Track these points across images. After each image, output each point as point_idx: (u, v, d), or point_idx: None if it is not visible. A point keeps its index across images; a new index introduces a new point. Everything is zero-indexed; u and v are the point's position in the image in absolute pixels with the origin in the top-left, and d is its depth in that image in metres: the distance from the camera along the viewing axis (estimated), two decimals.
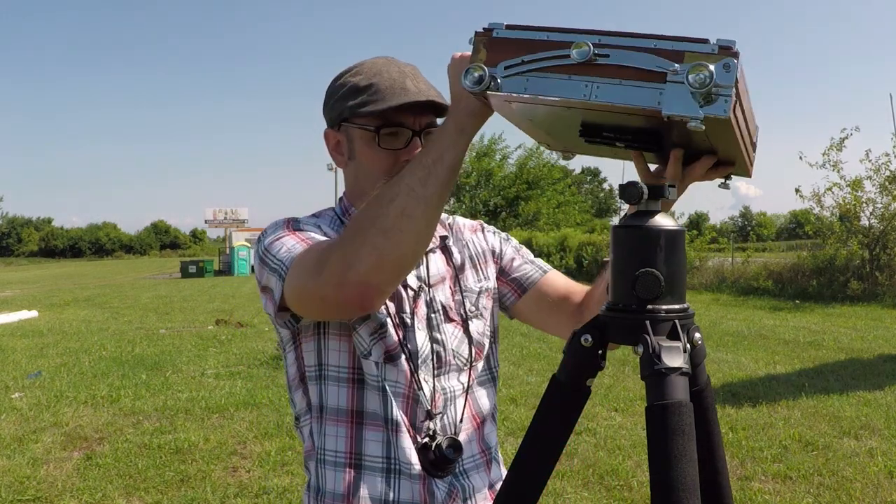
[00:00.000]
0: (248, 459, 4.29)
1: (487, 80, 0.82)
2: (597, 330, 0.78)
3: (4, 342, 9.37)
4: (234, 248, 31.63)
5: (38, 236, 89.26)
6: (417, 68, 1.20)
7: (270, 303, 1.05)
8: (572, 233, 21.86)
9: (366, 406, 1.12)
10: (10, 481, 3.98)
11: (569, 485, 3.73)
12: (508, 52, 0.83)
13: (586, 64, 0.77)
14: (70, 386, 6.42)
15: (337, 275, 0.90)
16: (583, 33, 0.79)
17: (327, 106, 1.20)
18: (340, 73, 1.20)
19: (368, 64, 1.18)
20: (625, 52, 0.76)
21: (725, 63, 0.72)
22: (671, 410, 0.67)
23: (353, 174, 1.20)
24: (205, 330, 10.24)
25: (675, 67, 0.73)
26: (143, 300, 16.45)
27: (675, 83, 0.74)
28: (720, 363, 6.68)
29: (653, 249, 0.75)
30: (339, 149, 1.20)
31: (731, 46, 0.73)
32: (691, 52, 0.74)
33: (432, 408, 1.13)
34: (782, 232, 66.16)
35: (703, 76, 0.71)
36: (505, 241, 1.35)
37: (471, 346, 1.21)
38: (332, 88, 1.19)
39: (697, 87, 0.71)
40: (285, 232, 1.08)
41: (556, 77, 0.80)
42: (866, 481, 3.64)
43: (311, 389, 1.16)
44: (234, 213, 48.72)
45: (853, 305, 11.41)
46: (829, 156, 12.98)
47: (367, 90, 1.12)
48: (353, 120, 1.14)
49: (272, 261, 1.04)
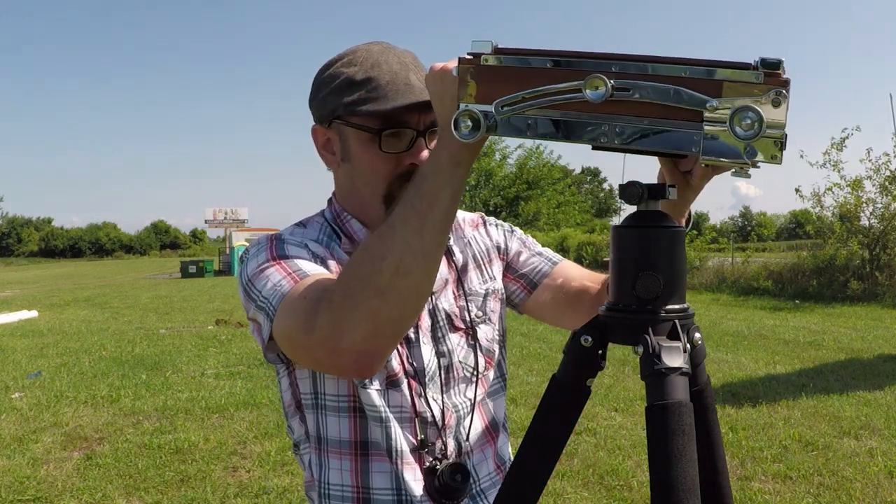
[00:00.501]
0: (248, 459, 4.29)
1: (483, 126, 0.71)
2: (597, 330, 0.78)
3: (4, 342, 9.37)
4: (234, 248, 31.66)
5: (38, 236, 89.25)
6: (415, 55, 1.08)
7: (259, 336, 0.97)
8: (572, 233, 21.86)
9: (370, 436, 1.02)
10: (10, 481, 3.98)
11: (569, 485, 3.73)
12: (503, 83, 0.71)
13: (603, 102, 0.66)
14: (70, 386, 6.42)
15: (330, 341, 0.81)
16: (595, 58, 0.67)
17: (316, 99, 1.06)
18: (330, 62, 1.06)
19: (362, 52, 1.04)
20: (650, 84, 0.64)
21: (775, 99, 0.60)
22: (671, 410, 0.67)
23: (346, 176, 1.08)
24: (205, 330, 10.24)
25: (713, 104, 0.61)
26: (143, 300, 16.44)
27: (713, 122, 0.62)
28: (720, 363, 6.68)
29: (653, 249, 0.75)
30: (328, 147, 1.08)
31: (778, 72, 0.60)
32: (731, 83, 0.61)
33: (443, 428, 1.05)
34: (782, 232, 66.13)
35: (749, 121, 0.60)
36: (509, 233, 1.25)
37: (480, 355, 1.12)
38: (321, 79, 1.05)
39: (745, 137, 0.60)
40: (269, 261, 0.96)
41: (567, 117, 0.69)
42: (866, 481, 3.64)
43: (309, 418, 1.06)
44: (234, 213, 48.69)
45: (853, 305, 11.40)
46: (830, 155, 12.98)
47: (364, 85, 1.00)
48: (348, 118, 1.01)
49: (258, 297, 0.94)
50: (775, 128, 0.60)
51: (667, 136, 0.65)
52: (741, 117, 0.60)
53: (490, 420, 1.14)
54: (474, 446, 1.10)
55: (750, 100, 0.60)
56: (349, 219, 1.09)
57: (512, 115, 0.71)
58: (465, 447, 1.08)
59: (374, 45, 1.05)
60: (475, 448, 1.10)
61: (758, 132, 0.60)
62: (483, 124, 0.72)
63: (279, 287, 0.91)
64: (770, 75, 0.60)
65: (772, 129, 0.60)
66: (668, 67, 0.64)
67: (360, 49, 1.05)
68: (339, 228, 1.09)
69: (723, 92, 0.61)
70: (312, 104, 1.08)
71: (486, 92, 0.72)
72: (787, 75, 0.61)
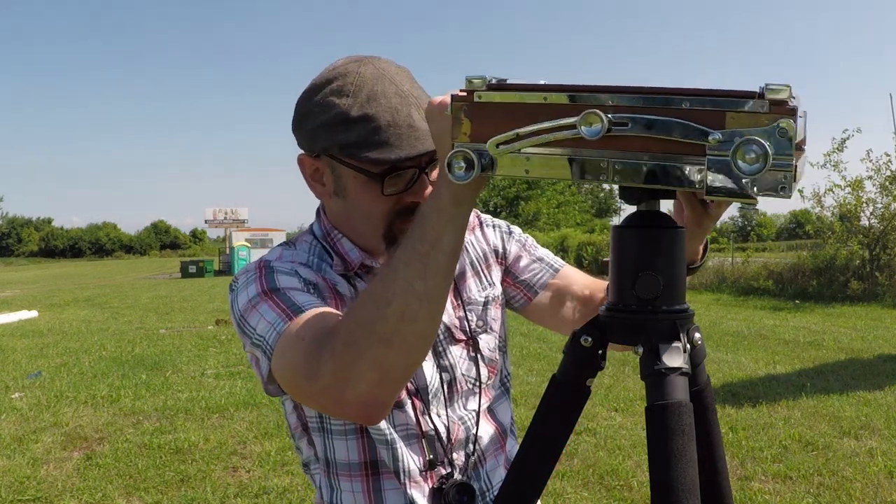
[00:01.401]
0: (248, 459, 4.29)
1: (478, 167, 0.69)
2: (597, 330, 0.78)
3: (4, 342, 9.37)
4: (234, 248, 31.66)
5: (38, 236, 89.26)
6: (410, 73, 1.00)
7: (258, 370, 0.93)
8: (572, 233, 21.86)
9: (378, 456, 1.01)
10: (10, 481, 3.98)
11: (569, 485, 3.73)
12: (498, 121, 0.68)
13: (601, 138, 0.64)
14: (70, 386, 6.42)
15: (334, 390, 0.77)
16: (592, 91, 0.65)
17: (302, 129, 0.98)
18: (317, 85, 0.96)
19: (353, 76, 0.94)
20: (648, 117, 0.61)
21: (781, 128, 0.56)
22: (671, 410, 0.67)
23: (342, 209, 1.02)
24: (205, 330, 10.24)
25: (717, 136, 0.58)
26: (143, 300, 16.44)
27: (716, 156, 0.59)
28: (720, 363, 6.68)
29: (653, 250, 0.74)
30: (318, 177, 1.01)
31: (785, 101, 0.57)
32: (735, 113, 0.58)
33: (451, 442, 1.03)
34: (782, 232, 66.15)
35: (753, 155, 0.56)
36: (507, 235, 1.19)
37: (483, 366, 1.09)
38: (308, 107, 0.96)
39: (749, 173, 0.57)
40: (260, 294, 0.91)
41: (563, 154, 0.66)
42: (866, 481, 3.64)
43: (316, 440, 1.04)
44: (234, 213, 48.68)
45: (853, 305, 11.40)
46: (831, 156, 12.98)
47: (362, 124, 0.92)
48: (344, 159, 0.94)
49: (253, 335, 0.90)
50: (783, 160, 0.57)
51: (668, 171, 0.62)
52: (745, 151, 0.57)
53: (498, 425, 1.12)
54: (486, 454, 1.09)
55: (755, 132, 0.57)
56: (340, 238, 1.04)
57: (508, 153, 0.68)
58: (476, 457, 1.07)
59: (366, 67, 0.95)
60: (487, 456, 1.09)
61: (763, 166, 0.56)
62: (477, 164, 0.69)
63: (274, 325, 0.87)
64: (776, 104, 0.57)
65: (779, 162, 0.57)
66: (667, 99, 0.61)
67: (349, 72, 0.95)
68: (330, 247, 1.05)
69: (726, 123, 0.59)
70: (298, 132, 1.00)
71: (481, 130, 0.70)
72: (794, 102, 0.57)
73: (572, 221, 30.41)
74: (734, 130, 0.58)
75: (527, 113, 0.67)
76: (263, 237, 36.59)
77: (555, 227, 27.83)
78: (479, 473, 1.08)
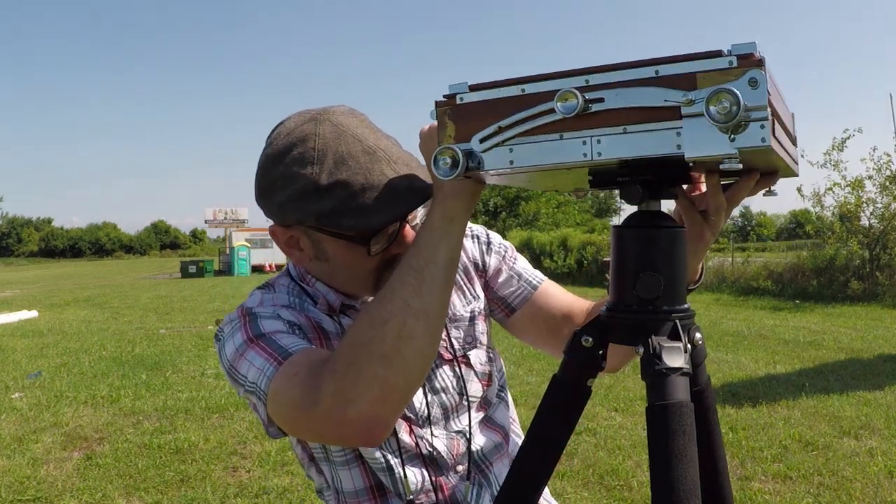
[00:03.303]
0: (248, 459, 4.29)
1: (463, 163, 0.69)
2: (597, 330, 0.78)
3: (4, 342, 9.37)
4: (234, 248, 31.62)
5: (38, 236, 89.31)
6: (367, 118, 0.97)
7: (258, 415, 0.93)
8: (572, 233, 21.83)
9: (380, 478, 1.02)
10: (10, 481, 3.98)
11: (569, 485, 3.73)
12: (480, 119, 0.69)
13: (578, 116, 0.64)
14: (70, 386, 6.42)
15: (335, 413, 0.77)
16: (565, 76, 0.66)
17: (268, 200, 0.94)
18: (276, 153, 0.91)
19: (313, 141, 0.90)
20: (621, 90, 0.63)
21: (751, 78, 0.58)
22: (672, 411, 0.67)
23: (325, 272, 1.00)
24: (205, 330, 10.23)
25: (689, 97, 0.60)
26: (143, 300, 16.44)
27: (693, 116, 0.60)
28: (720, 363, 6.67)
29: (653, 250, 0.74)
30: (294, 244, 0.98)
31: (751, 53, 0.59)
32: (705, 73, 0.60)
33: (453, 457, 1.04)
34: (782, 232, 66.18)
35: (726, 105, 0.58)
36: (485, 246, 1.16)
37: (476, 381, 1.09)
38: (270, 178, 0.92)
39: (723, 120, 0.58)
40: (246, 343, 0.90)
41: (546, 139, 0.66)
42: (866, 481, 3.64)
43: (325, 469, 1.05)
44: (234, 213, 48.67)
45: (853, 305, 11.40)
46: (831, 156, 12.98)
47: (334, 191, 0.88)
48: (323, 227, 0.92)
49: (245, 382, 0.89)
50: (757, 111, 0.58)
51: (648, 140, 0.62)
52: (717, 101, 0.58)
53: (499, 429, 1.13)
54: (492, 460, 1.09)
55: (725, 85, 0.59)
56: (314, 281, 1.03)
57: (493, 147, 0.69)
58: (482, 465, 1.07)
59: (324, 127, 0.91)
60: (493, 461, 1.09)
61: (736, 114, 0.57)
62: (462, 162, 0.69)
63: (264, 371, 0.86)
64: (743, 58, 0.59)
65: (753, 112, 0.58)
66: (637, 70, 0.62)
67: (307, 135, 0.91)
68: (307, 289, 1.04)
69: (697, 84, 0.60)
70: (264, 204, 0.95)
71: (465, 130, 0.71)
72: (761, 55, 0.59)
73: (572, 221, 30.38)
74: (706, 89, 0.59)
75: (507, 106, 0.69)
76: (263, 237, 36.45)
77: (555, 226, 27.81)
78: (489, 479, 1.08)
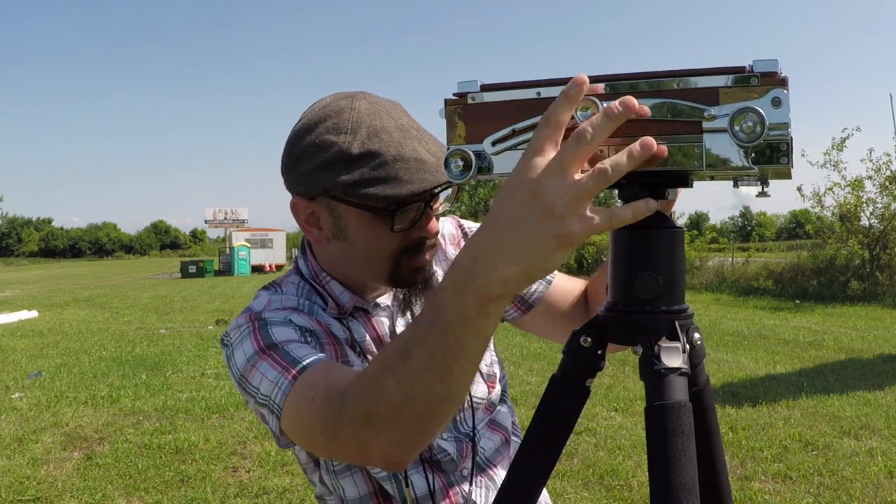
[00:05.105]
0: (248, 459, 4.29)
1: (474, 166, 0.67)
2: (596, 330, 0.78)
3: (4, 342, 9.37)
4: (234, 248, 31.62)
5: (38, 236, 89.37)
6: (402, 105, 0.97)
7: (268, 426, 0.89)
8: None
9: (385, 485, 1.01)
10: (10, 481, 3.98)
11: (569, 485, 3.73)
12: (492, 120, 0.68)
13: None
14: (70, 386, 6.42)
15: (357, 447, 0.73)
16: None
17: (295, 171, 0.93)
18: (308, 125, 0.92)
19: (349, 113, 0.91)
20: (642, 101, 0.61)
21: (774, 97, 0.58)
22: (670, 411, 0.67)
23: (341, 253, 0.97)
24: (205, 330, 10.24)
25: (711, 112, 0.59)
26: (143, 300, 16.45)
27: (714, 132, 0.59)
28: (720, 363, 6.68)
29: (652, 249, 0.74)
30: (314, 221, 0.96)
31: (774, 71, 0.58)
32: (727, 89, 0.59)
33: (461, 461, 1.03)
34: (782, 232, 66.21)
35: (750, 124, 0.57)
36: None
37: (482, 383, 1.08)
38: (301, 147, 0.92)
39: (746, 140, 0.57)
40: (258, 354, 0.87)
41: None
42: (866, 481, 3.64)
43: (326, 477, 1.04)
44: (234, 213, 48.72)
45: (853, 305, 11.40)
46: (831, 155, 12.99)
47: (365, 161, 0.88)
48: (348, 198, 0.90)
49: (257, 394, 0.86)
50: (779, 129, 0.58)
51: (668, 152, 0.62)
52: (742, 120, 0.58)
53: (502, 432, 1.13)
54: (496, 462, 1.09)
55: (751, 101, 0.58)
56: (329, 280, 1.01)
57: (505, 151, 0.67)
58: (486, 468, 1.07)
59: (360, 102, 0.92)
60: (497, 463, 1.10)
61: (760, 134, 0.57)
62: (474, 164, 0.67)
63: (278, 384, 0.83)
64: (766, 76, 0.58)
65: (775, 132, 0.58)
66: (659, 82, 0.62)
67: (343, 108, 0.91)
68: (321, 288, 1.01)
69: (719, 99, 0.59)
70: (290, 175, 0.94)
71: (476, 131, 0.68)
72: (783, 74, 0.59)
73: None
74: (729, 105, 0.59)
75: (521, 109, 0.67)
76: (263, 237, 36.55)
77: None
78: (494, 482, 1.08)
